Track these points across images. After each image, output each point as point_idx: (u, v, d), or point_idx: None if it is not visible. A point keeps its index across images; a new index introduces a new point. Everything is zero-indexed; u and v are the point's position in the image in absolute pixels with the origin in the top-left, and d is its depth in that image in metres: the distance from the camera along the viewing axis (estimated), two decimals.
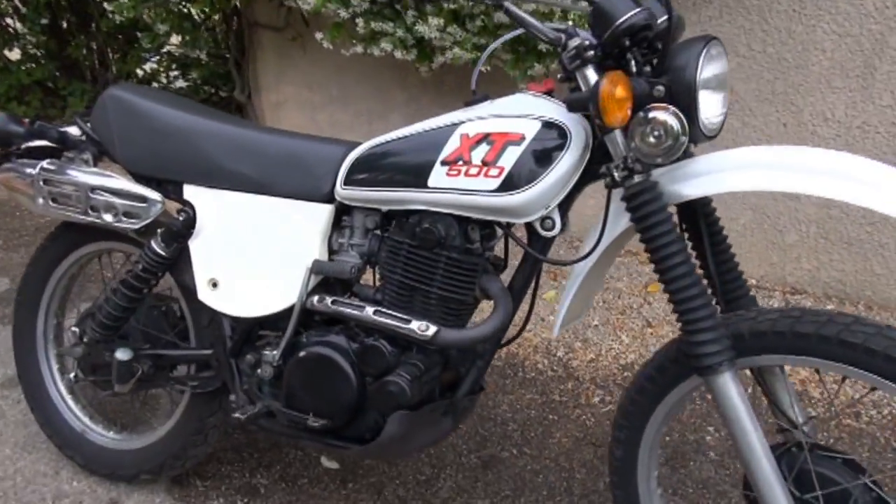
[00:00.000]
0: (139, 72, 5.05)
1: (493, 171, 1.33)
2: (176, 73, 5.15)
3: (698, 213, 1.38)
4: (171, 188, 1.62)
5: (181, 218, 1.57)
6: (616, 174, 1.25)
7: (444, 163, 1.37)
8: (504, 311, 1.39)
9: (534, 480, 1.92)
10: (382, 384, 1.39)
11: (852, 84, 2.37)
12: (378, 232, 1.53)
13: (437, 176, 1.37)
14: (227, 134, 1.55)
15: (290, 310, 1.51)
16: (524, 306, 1.52)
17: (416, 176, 1.40)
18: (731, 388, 1.22)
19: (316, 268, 1.47)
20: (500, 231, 1.46)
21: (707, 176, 1.24)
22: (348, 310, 1.44)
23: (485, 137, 1.34)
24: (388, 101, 3.24)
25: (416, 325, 1.37)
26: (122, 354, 1.62)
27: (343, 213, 1.54)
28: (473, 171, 1.35)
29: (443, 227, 1.40)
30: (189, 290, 1.65)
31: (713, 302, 1.27)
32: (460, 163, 1.35)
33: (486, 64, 2.65)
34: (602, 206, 1.32)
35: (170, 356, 1.67)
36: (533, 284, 1.49)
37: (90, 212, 1.61)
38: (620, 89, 1.15)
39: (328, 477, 1.92)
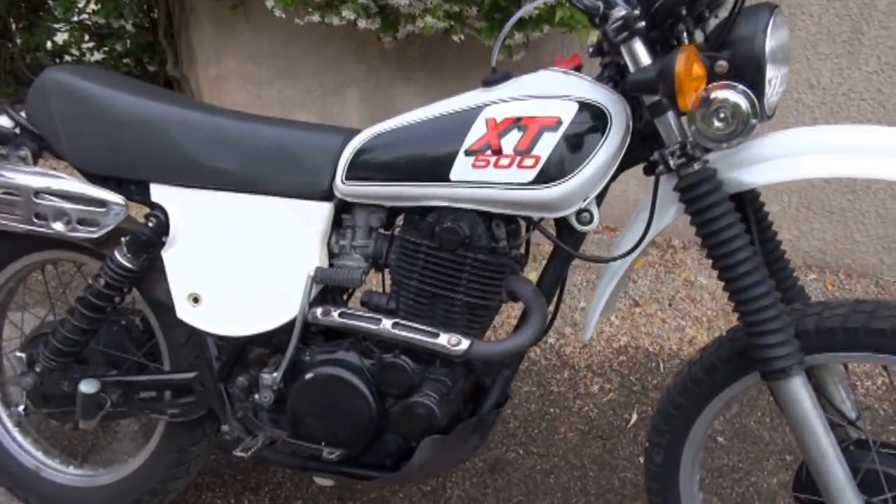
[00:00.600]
0: (49, 44, 4.55)
1: (528, 162, 1.17)
2: (90, 44, 4.68)
3: (745, 202, 1.26)
4: (133, 189, 1.38)
5: (151, 224, 1.34)
6: (672, 161, 1.11)
7: (468, 152, 1.19)
8: (541, 316, 1.24)
9: (545, 482, 1.80)
10: (408, 407, 1.23)
11: (838, 50, 2.32)
12: (383, 231, 1.35)
13: (461, 167, 1.20)
14: (202, 123, 1.32)
15: (288, 325, 1.31)
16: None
17: (436, 168, 1.22)
18: (803, 392, 1.12)
19: (319, 276, 1.28)
20: (524, 226, 1.30)
21: (772, 162, 1.11)
22: (362, 324, 1.25)
23: (515, 122, 1.17)
24: (344, 74, 3.00)
25: (445, 340, 1.21)
26: (87, 387, 1.38)
27: (342, 210, 1.34)
28: (504, 161, 1.18)
29: (466, 226, 1.23)
30: (161, 306, 1.42)
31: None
32: (488, 152, 1.18)
33: (458, 33, 2.46)
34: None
35: (143, 383, 1.45)
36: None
37: (35, 220, 1.35)
38: (697, 67, 1.01)
39: (324, 496, 1.75)
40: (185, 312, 1.35)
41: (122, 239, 1.35)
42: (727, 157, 1.15)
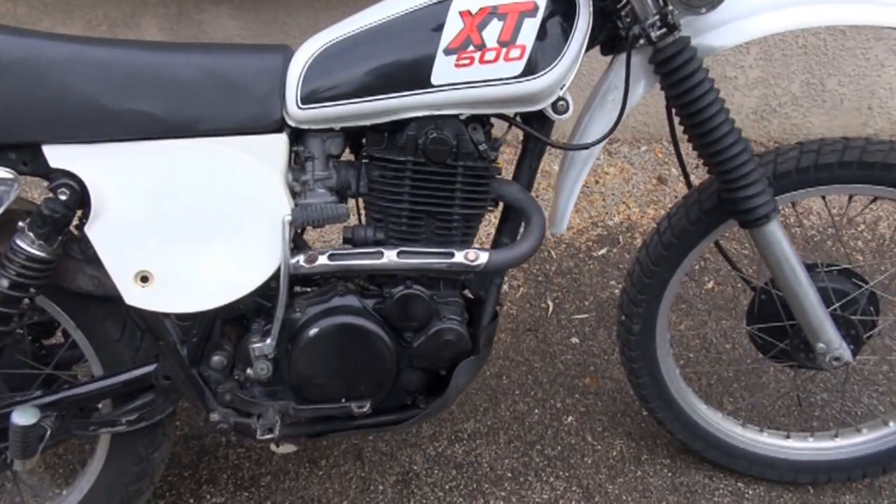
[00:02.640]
0: None
1: (514, 53, 1.10)
2: None
3: None
4: (14, 157, 1.06)
5: (63, 196, 1.04)
6: (653, 33, 1.12)
7: (448, 51, 1.09)
8: (539, 215, 1.21)
9: (500, 384, 1.83)
10: (433, 337, 1.15)
11: None
12: (343, 157, 1.21)
13: (443, 69, 1.09)
14: (104, 58, 1.04)
15: (264, 284, 1.13)
16: None
17: (413, 74, 1.10)
18: (780, 232, 1.25)
19: (299, 219, 1.11)
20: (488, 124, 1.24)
21: (735, 23, 1.17)
22: (363, 261, 1.12)
23: (492, 11, 1.09)
24: (135, 0, 2.55)
25: (462, 257, 1.13)
26: (23, 418, 1.08)
27: (293, 142, 1.17)
28: (490, 55, 1.10)
29: (451, 134, 1.15)
30: (76, 300, 1.14)
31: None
32: (470, 48, 1.09)
33: None
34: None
35: (91, 394, 1.16)
36: None
37: None
38: None
39: (291, 464, 1.60)
40: (134, 295, 1.09)
41: (21, 224, 1.04)
42: (692, 24, 1.18)
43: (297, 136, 1.17)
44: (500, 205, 1.27)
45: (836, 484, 1.54)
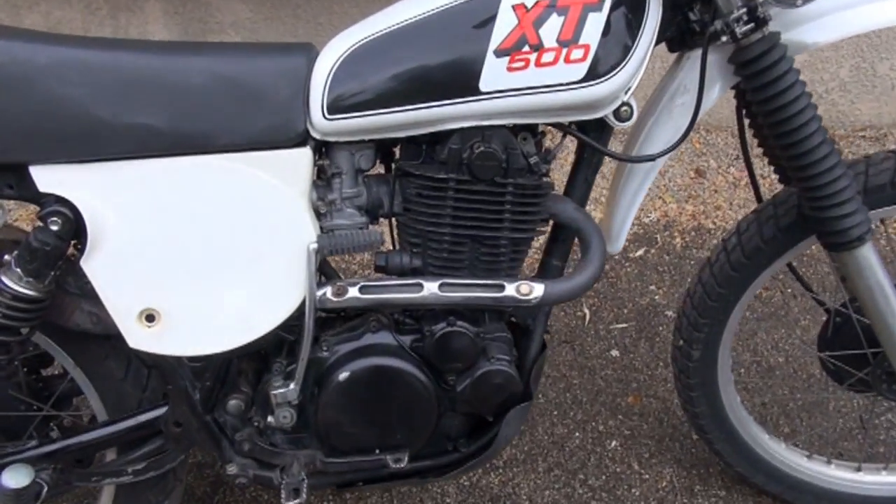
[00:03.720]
0: None
1: (577, 54, 0.94)
2: None
3: None
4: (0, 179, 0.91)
5: (54, 226, 0.90)
6: (738, 29, 0.95)
7: (499, 52, 0.93)
8: (599, 237, 1.06)
9: (537, 404, 1.69)
10: (480, 380, 1.01)
11: None
12: (374, 172, 1.06)
13: (493, 73, 0.94)
14: (100, 63, 0.89)
15: (286, 321, 0.99)
16: None
17: (458, 79, 0.94)
18: (873, 256, 1.09)
19: (327, 247, 0.96)
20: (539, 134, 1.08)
21: (835, 15, 1.01)
22: (400, 295, 0.98)
23: (551, 5, 0.93)
24: None
25: (514, 290, 0.98)
26: (15, 479, 0.94)
27: (317, 156, 1.02)
28: (548, 57, 0.94)
29: (499, 146, 0.99)
30: (75, 338, 1.00)
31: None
32: (525, 48, 0.93)
33: None
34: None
35: (90, 443, 1.03)
36: None
37: None
38: None
39: (314, 497, 1.47)
40: (139, 337, 0.95)
41: (7, 257, 0.90)
42: (780, 18, 1.02)
43: (323, 149, 1.02)
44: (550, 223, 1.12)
45: None
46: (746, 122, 1.20)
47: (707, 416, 1.36)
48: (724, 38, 0.97)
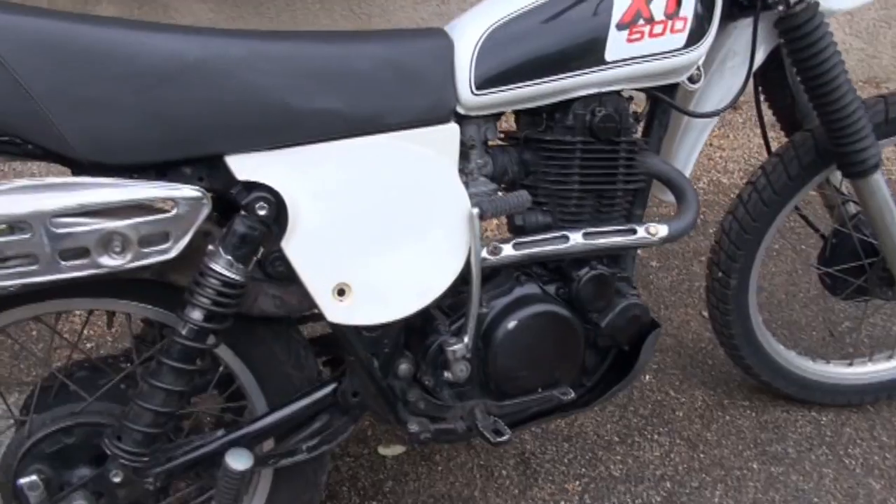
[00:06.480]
0: None
1: (678, 25, 1.12)
2: None
3: None
4: (189, 172, 0.93)
5: (261, 212, 0.93)
6: None
7: (620, 26, 1.09)
8: (689, 183, 1.24)
9: None
10: (621, 314, 1.16)
11: None
12: (497, 142, 1.17)
13: (616, 45, 1.09)
14: (286, 54, 0.93)
15: (452, 283, 1.08)
16: None
17: (588, 52, 1.08)
18: (882, 180, 1.36)
19: (489, 210, 1.06)
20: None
21: None
22: (551, 247, 1.10)
23: None
24: None
25: (643, 231, 1.14)
26: (238, 461, 0.95)
27: None
28: (658, 28, 1.11)
29: (614, 110, 1.14)
30: (244, 332, 1.03)
31: None
32: (640, 22, 1.09)
33: None
34: None
35: (272, 426, 1.05)
36: None
37: (61, 263, 0.82)
38: None
39: (407, 465, 1.55)
40: (336, 311, 1.01)
41: (213, 247, 0.92)
42: None
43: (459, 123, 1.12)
44: None
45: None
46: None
47: (741, 335, 1.59)
48: (780, 8, 1.19)
